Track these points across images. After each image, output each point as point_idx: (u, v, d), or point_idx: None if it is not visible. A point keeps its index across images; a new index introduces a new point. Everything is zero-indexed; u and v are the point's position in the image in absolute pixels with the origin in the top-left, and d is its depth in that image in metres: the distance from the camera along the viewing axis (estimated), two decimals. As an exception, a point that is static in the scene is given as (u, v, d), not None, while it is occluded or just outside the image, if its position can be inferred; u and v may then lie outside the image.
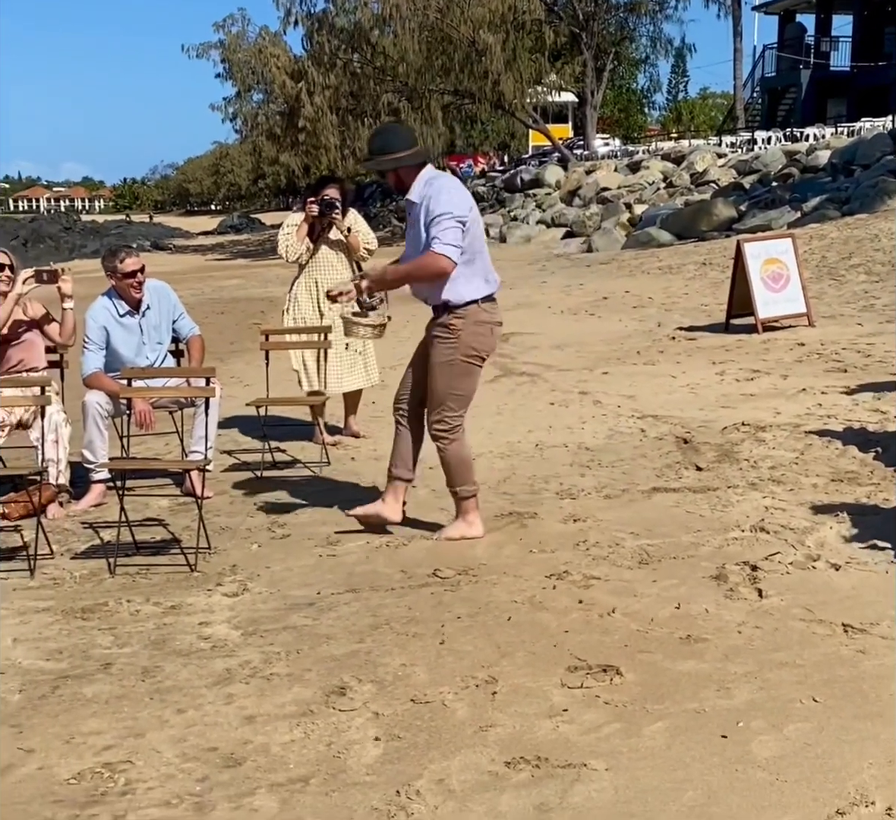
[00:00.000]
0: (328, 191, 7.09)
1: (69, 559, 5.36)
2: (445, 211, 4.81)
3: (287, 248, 7.20)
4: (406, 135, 5.13)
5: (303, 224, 7.12)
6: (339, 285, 5.27)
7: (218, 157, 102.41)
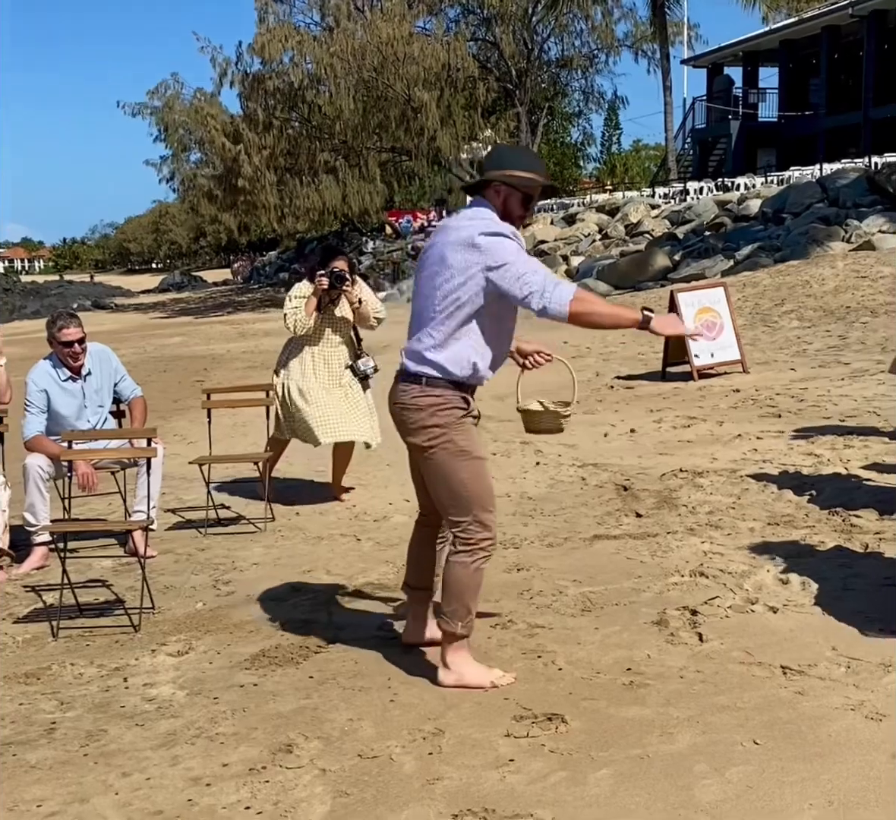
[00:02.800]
0: (336, 263, 6.93)
1: (11, 624, 5.30)
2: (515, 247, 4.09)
3: (296, 322, 6.96)
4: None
5: (312, 297, 6.95)
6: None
7: (158, 216, 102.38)
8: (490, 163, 4.10)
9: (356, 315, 7.09)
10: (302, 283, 7.07)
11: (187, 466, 7.69)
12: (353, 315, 7.10)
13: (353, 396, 7.09)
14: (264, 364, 16.78)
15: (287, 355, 7.20)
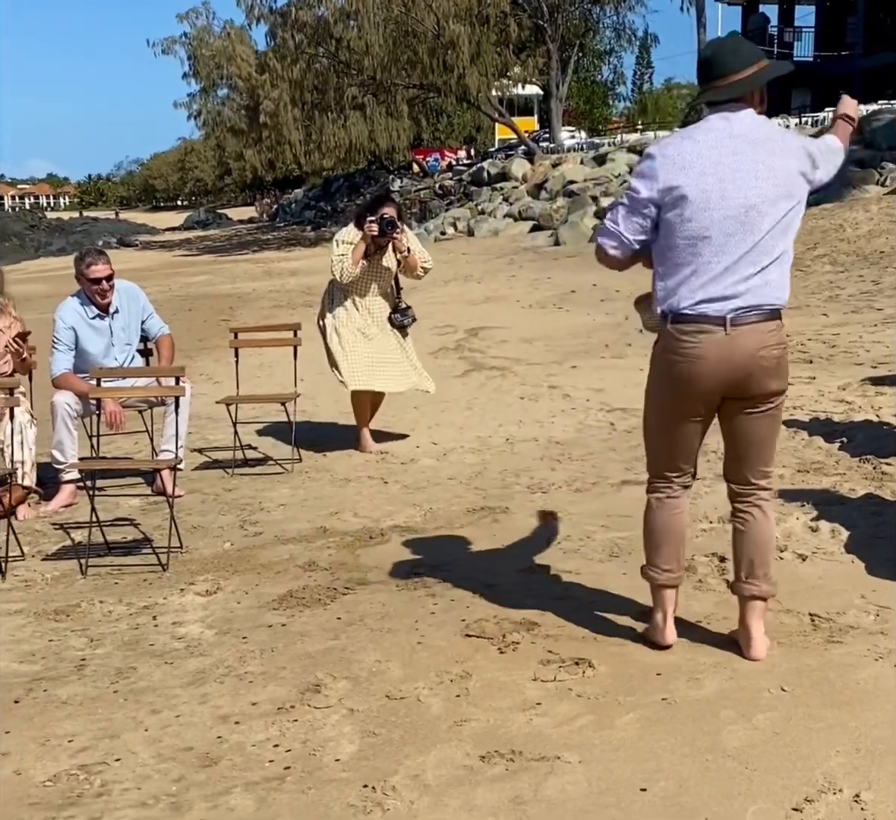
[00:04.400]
0: (386, 209, 6.79)
1: (40, 561, 5.35)
2: (631, 181, 3.56)
3: (342, 270, 6.79)
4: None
5: (360, 244, 6.78)
6: None
7: (183, 153, 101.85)
8: (736, 59, 3.46)
9: (404, 264, 6.95)
10: (348, 228, 6.94)
11: (213, 406, 7.70)
12: (399, 265, 6.97)
13: (400, 345, 7.02)
14: (290, 303, 16.76)
15: (331, 301, 7.06)
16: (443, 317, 12.87)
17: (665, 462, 3.73)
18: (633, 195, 3.47)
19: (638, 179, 3.48)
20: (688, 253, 3.42)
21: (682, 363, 3.48)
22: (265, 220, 58.52)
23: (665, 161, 3.43)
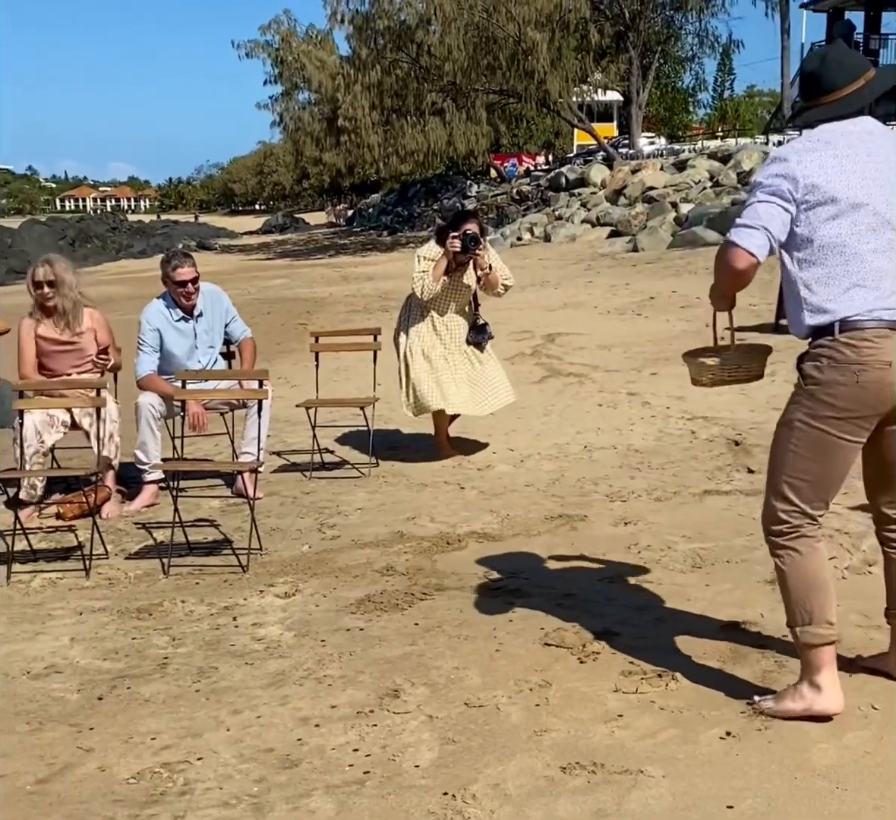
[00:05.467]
0: (468, 225, 6.72)
1: (123, 559, 5.42)
2: (756, 182, 3.23)
3: (423, 287, 6.71)
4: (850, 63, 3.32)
5: (442, 260, 6.70)
6: None
7: (263, 157, 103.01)
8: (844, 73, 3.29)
9: (484, 281, 6.86)
10: (430, 244, 6.88)
11: (291, 409, 7.74)
12: (479, 281, 6.89)
13: (477, 362, 6.96)
14: (366, 308, 16.84)
15: (409, 318, 7.00)
16: (520, 322, 12.83)
17: (816, 499, 3.30)
18: (775, 189, 3.15)
19: (775, 177, 3.17)
20: (842, 257, 3.17)
21: (866, 371, 3.15)
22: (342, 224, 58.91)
23: (805, 159, 3.17)
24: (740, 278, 3.26)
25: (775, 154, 3.26)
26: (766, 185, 3.18)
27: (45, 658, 4.21)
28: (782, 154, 3.23)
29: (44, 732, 3.58)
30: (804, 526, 3.30)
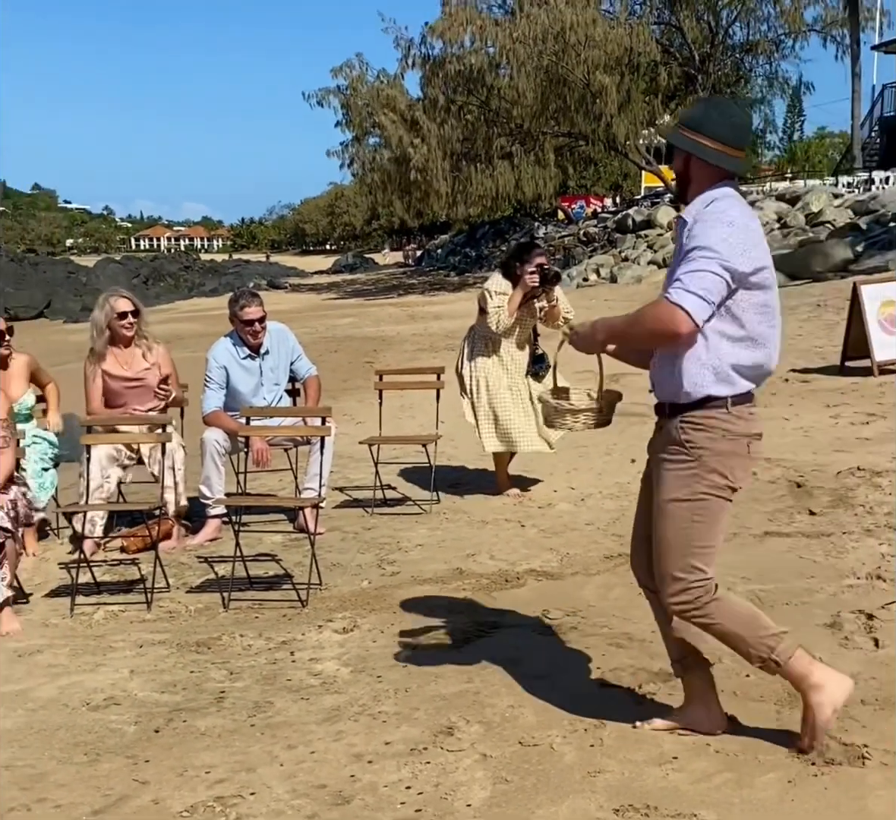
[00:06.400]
0: (540, 259, 6.74)
1: (185, 593, 5.48)
2: (707, 246, 3.16)
3: (499, 322, 6.74)
4: (736, 124, 3.39)
5: (516, 295, 6.71)
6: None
7: (333, 198, 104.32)
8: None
9: (547, 313, 6.86)
10: (497, 278, 6.89)
11: (355, 446, 7.79)
12: (540, 312, 6.87)
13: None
14: (433, 347, 16.92)
15: (473, 350, 7.03)
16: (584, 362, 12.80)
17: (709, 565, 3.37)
18: (730, 266, 3.15)
19: (730, 250, 3.16)
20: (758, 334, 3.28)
21: (755, 442, 3.33)
22: (411, 264, 59.37)
23: (749, 232, 3.23)
24: (671, 341, 3.23)
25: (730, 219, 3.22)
26: (726, 259, 3.16)
27: (104, 690, 4.27)
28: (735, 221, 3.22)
29: (101, 764, 3.62)
30: (709, 589, 3.36)
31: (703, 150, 3.32)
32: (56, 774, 3.56)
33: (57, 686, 4.33)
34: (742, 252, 3.17)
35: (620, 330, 3.37)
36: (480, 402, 6.92)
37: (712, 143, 3.31)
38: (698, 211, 3.28)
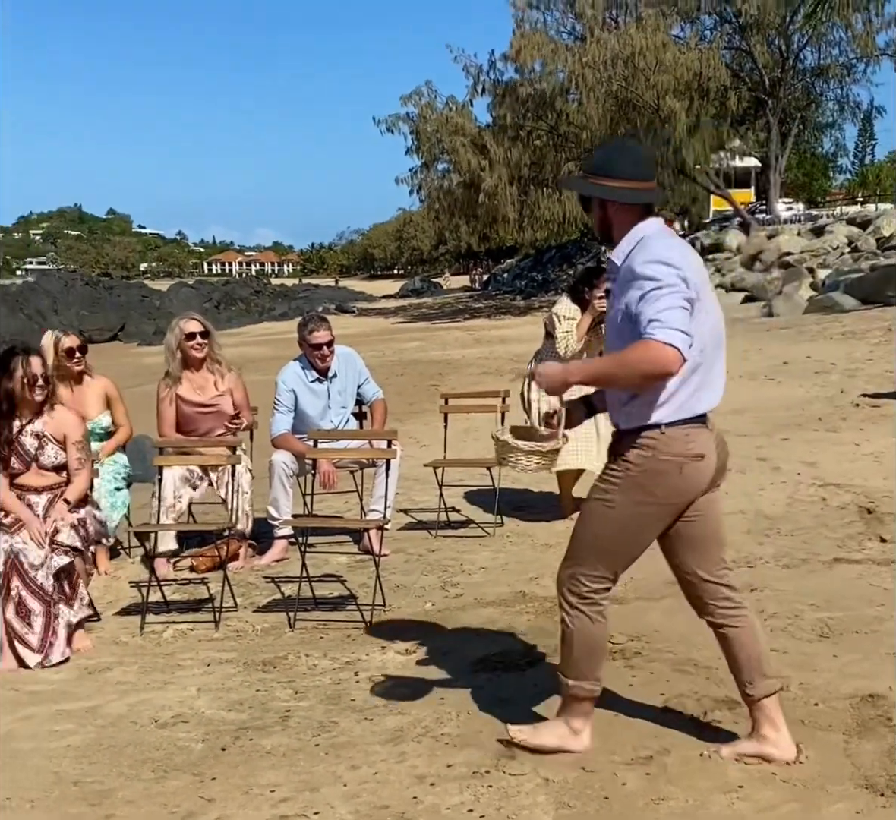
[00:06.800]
0: (608, 283, 6.62)
1: (252, 612, 5.54)
2: (665, 283, 3.24)
3: (568, 346, 6.75)
4: (638, 160, 3.53)
5: (585, 319, 6.74)
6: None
7: (402, 224, 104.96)
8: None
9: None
10: (566, 302, 6.91)
11: (420, 468, 7.83)
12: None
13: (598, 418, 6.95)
14: (498, 370, 16.95)
15: None
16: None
17: (615, 571, 3.58)
18: (689, 297, 3.26)
19: (683, 283, 3.26)
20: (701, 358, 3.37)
21: (689, 463, 3.41)
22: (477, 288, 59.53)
23: (686, 265, 3.32)
24: (663, 380, 3.29)
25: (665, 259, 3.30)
26: (684, 291, 3.25)
27: (172, 707, 4.32)
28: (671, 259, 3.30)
29: (168, 781, 3.67)
30: (598, 592, 3.56)
31: (615, 192, 3.44)
32: (124, 790, 3.61)
33: (126, 703, 4.40)
34: (690, 282, 3.27)
35: (603, 374, 3.41)
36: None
37: (620, 182, 3.43)
38: (630, 251, 3.40)
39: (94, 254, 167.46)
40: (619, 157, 3.49)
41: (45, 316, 37.50)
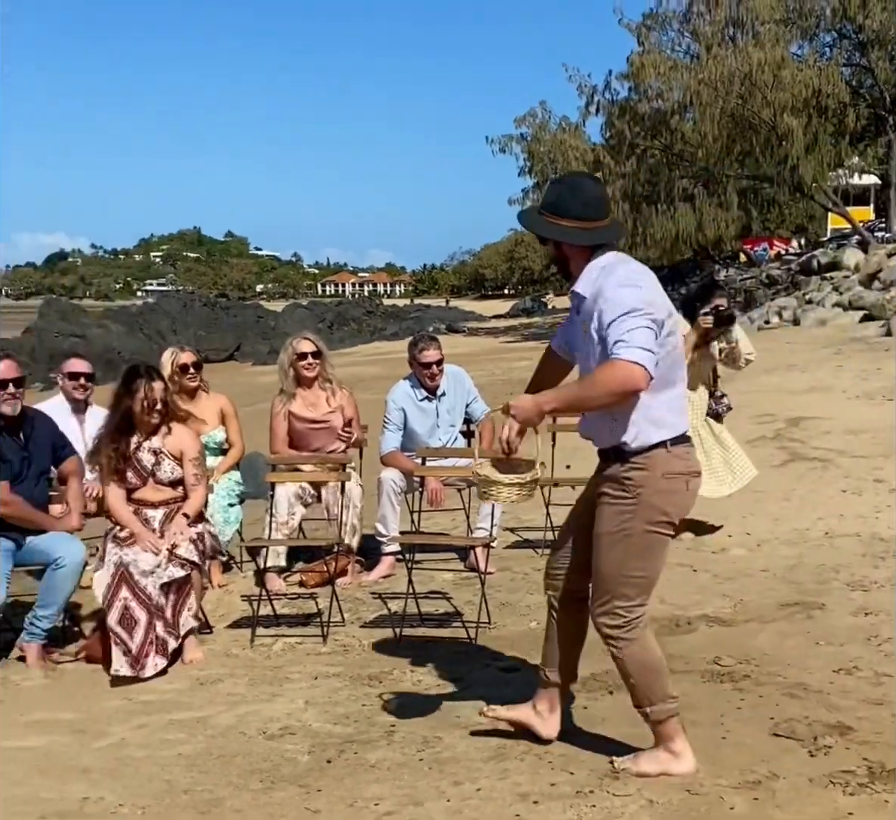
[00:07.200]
0: (718, 300, 6.71)
1: (359, 627, 5.60)
2: (631, 307, 3.40)
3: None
4: (589, 200, 3.63)
5: (691, 336, 6.58)
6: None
7: (513, 244, 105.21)
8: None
9: (727, 355, 6.81)
10: (680, 317, 6.90)
11: (529, 487, 7.82)
12: (721, 353, 6.82)
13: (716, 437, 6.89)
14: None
15: None
16: (763, 405, 12.54)
17: (648, 594, 3.69)
18: (655, 318, 3.42)
19: (649, 306, 3.43)
20: (673, 377, 3.59)
21: (693, 480, 3.63)
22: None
23: (653, 288, 3.54)
24: (630, 398, 3.43)
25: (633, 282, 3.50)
26: (649, 313, 3.41)
27: (280, 719, 4.39)
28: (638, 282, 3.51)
29: (275, 791, 3.72)
30: (638, 617, 3.64)
31: (566, 233, 3.60)
32: (232, 799, 3.68)
33: (235, 714, 4.48)
34: (655, 304, 3.46)
35: (574, 397, 3.52)
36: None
37: (571, 222, 3.58)
38: (593, 283, 3.55)
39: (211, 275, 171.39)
40: (569, 198, 3.61)
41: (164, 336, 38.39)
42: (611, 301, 3.44)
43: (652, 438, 3.53)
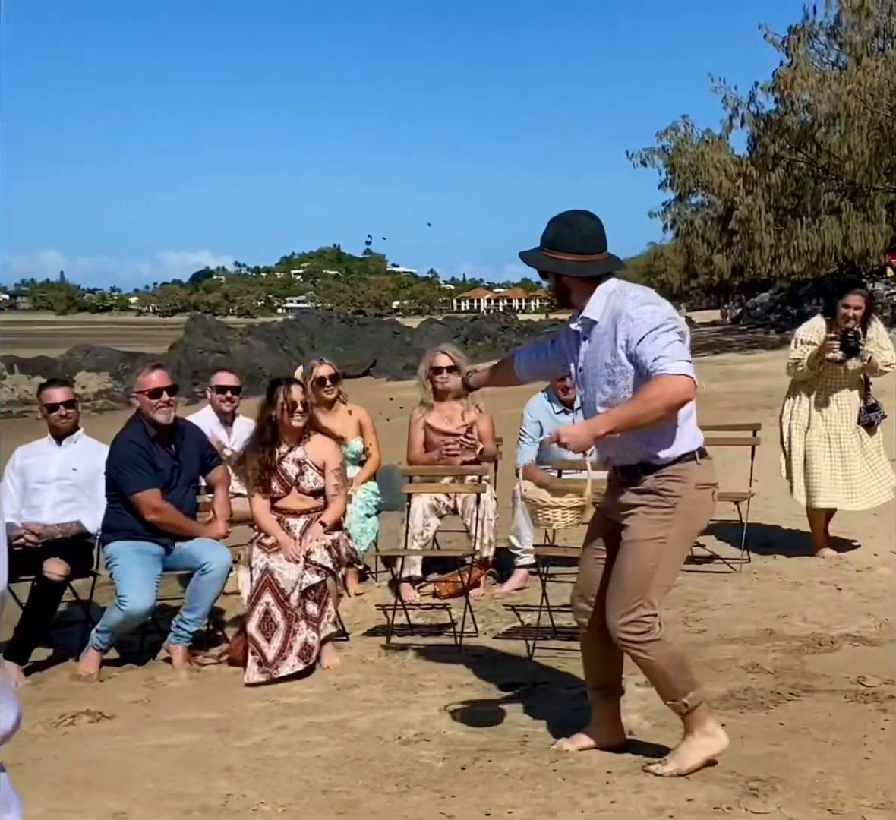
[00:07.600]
0: (854, 298, 6.57)
1: (491, 638, 5.62)
2: (660, 323, 3.56)
3: (795, 374, 6.76)
4: (586, 236, 3.80)
5: (819, 351, 6.50)
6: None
7: (652, 258, 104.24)
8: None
9: (864, 367, 6.63)
10: (811, 323, 6.75)
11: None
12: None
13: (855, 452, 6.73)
14: (749, 405, 16.57)
15: (796, 397, 6.88)
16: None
17: (663, 599, 3.93)
18: (681, 331, 3.62)
19: (673, 320, 3.62)
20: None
21: (716, 491, 3.80)
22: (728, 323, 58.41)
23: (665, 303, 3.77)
24: (680, 409, 3.58)
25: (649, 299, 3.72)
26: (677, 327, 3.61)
27: (415, 726, 4.44)
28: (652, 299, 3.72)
29: (410, 795, 3.77)
30: (656, 621, 3.78)
31: (566, 266, 3.78)
32: (369, 801, 3.74)
33: (372, 719, 4.55)
34: (677, 319, 3.66)
35: (632, 416, 3.56)
36: (794, 452, 6.76)
37: (569, 256, 3.76)
38: (605, 307, 3.73)
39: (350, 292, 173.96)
40: (568, 234, 3.78)
41: (303, 352, 39.05)
42: (637, 320, 3.59)
43: (681, 450, 3.69)
